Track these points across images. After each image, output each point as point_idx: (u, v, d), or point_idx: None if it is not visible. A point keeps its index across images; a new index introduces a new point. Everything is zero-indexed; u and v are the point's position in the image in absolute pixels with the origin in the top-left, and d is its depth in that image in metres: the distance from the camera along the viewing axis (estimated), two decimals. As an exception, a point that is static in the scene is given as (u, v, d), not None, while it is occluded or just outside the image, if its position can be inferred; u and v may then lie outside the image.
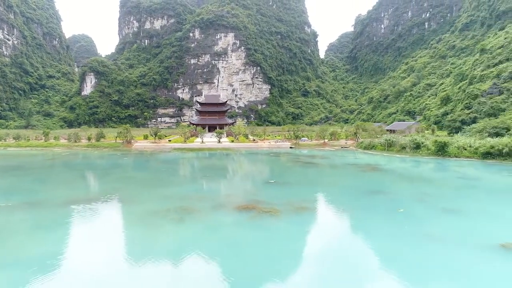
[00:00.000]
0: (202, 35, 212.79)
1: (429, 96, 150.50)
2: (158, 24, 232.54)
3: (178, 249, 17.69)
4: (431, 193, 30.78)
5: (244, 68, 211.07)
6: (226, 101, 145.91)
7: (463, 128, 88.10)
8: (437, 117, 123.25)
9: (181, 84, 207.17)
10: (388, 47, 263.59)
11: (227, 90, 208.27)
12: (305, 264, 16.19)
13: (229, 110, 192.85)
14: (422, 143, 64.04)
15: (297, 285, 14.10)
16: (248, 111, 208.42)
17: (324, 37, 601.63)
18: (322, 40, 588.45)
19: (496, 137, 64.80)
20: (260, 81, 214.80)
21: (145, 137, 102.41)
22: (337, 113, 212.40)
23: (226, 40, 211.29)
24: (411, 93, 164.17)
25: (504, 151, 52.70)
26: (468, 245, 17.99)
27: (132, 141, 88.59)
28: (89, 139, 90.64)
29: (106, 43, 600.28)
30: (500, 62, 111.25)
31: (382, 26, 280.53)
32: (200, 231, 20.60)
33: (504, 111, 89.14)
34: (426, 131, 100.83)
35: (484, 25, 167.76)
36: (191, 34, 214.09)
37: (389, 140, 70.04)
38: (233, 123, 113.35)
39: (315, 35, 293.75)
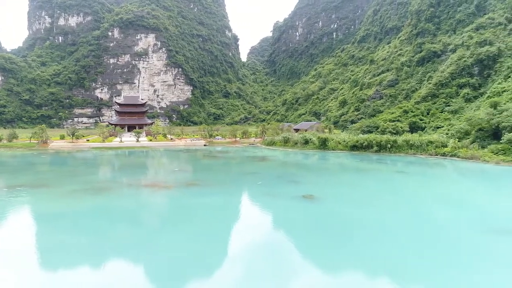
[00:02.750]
0: (122, 35, 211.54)
1: (332, 99, 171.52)
2: (73, 21, 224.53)
3: (94, 209, 26.06)
4: (290, 173, 42.85)
5: (165, 69, 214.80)
6: (146, 101, 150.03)
7: (351, 127, 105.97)
8: (336, 117, 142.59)
9: (99, 83, 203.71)
10: (302, 53, 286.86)
11: (148, 90, 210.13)
12: (185, 214, 25.86)
13: (150, 111, 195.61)
14: (310, 139, 78.23)
15: (178, 223, 23.67)
16: (170, 111, 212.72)
17: (247, 39, 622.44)
18: (245, 42, 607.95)
19: (369, 133, 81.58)
20: (182, 82, 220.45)
21: (62, 137, 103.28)
22: (255, 114, 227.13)
23: (146, 40, 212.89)
24: (317, 96, 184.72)
25: (364, 144, 68.51)
26: (290, 197, 29.29)
27: (48, 141, 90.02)
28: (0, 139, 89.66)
29: (11, 36, 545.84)
30: (383, 72, 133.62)
31: (297, 33, 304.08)
32: (111, 199, 29.09)
33: (381, 113, 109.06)
34: (325, 130, 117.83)
35: (376, 39, 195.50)
36: (109, 33, 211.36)
37: (286, 137, 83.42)
38: (152, 123, 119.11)
39: (236, 38, 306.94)
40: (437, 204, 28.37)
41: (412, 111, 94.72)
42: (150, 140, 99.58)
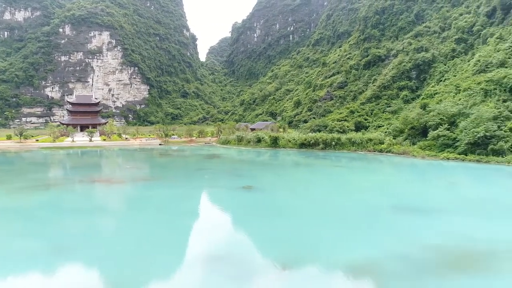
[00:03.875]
0: (74, 32, 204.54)
1: (287, 100, 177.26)
2: (20, 15, 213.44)
3: (43, 203, 27.51)
4: (237, 168, 45.99)
5: (121, 68, 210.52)
6: (99, 101, 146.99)
7: (302, 126, 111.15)
8: (291, 117, 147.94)
9: (50, 82, 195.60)
10: (260, 54, 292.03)
11: (103, 89, 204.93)
12: (135, 205, 28.01)
13: (105, 110, 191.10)
14: (262, 138, 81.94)
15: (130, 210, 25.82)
16: (126, 111, 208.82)
17: (206, 39, 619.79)
18: (204, 42, 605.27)
19: (318, 132, 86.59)
20: (138, 81, 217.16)
21: (9, 138, 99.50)
22: (214, 114, 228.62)
23: (100, 38, 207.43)
24: (274, 97, 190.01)
25: (311, 142, 73.26)
26: (232, 188, 32.25)
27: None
28: None
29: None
30: (333, 74, 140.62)
31: (255, 35, 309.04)
32: (61, 194, 30.50)
33: (331, 113, 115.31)
34: (279, 129, 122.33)
35: (329, 42, 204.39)
36: (61, 30, 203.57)
37: (239, 136, 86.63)
38: (106, 122, 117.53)
39: (194, 38, 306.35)
40: (362, 191, 32.65)
41: (357, 111, 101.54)
42: (104, 139, 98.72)
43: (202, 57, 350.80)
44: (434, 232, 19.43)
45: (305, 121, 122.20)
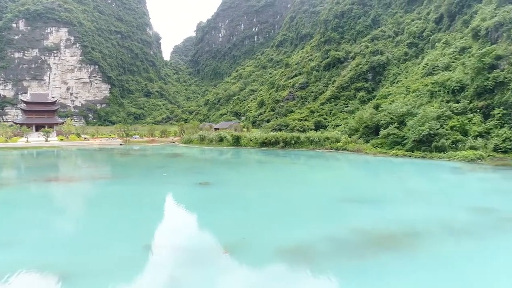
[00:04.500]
0: (29, 27, 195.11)
1: (251, 100, 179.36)
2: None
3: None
4: (197, 166, 46.87)
5: (80, 66, 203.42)
6: (56, 100, 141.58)
7: (264, 125, 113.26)
8: (255, 117, 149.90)
9: (2, 79, 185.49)
10: (225, 54, 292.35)
11: (60, 88, 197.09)
12: (89, 202, 28.22)
13: (63, 110, 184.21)
14: (224, 137, 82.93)
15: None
16: (86, 110, 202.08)
17: (170, 38, 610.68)
18: (168, 41, 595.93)
19: (279, 131, 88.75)
20: (99, 80, 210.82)
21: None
22: (178, 114, 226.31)
23: (58, 35, 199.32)
24: (238, 97, 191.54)
25: (272, 141, 75.19)
26: (189, 184, 33.10)
27: None
28: None
29: None
30: (296, 75, 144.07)
31: (220, 35, 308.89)
32: (13, 192, 30.05)
33: (293, 113, 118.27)
34: (243, 129, 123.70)
35: (292, 44, 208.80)
36: (14, 25, 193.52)
37: (202, 135, 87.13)
38: (64, 122, 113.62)
39: (157, 37, 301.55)
40: (314, 185, 34.61)
41: (317, 111, 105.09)
42: (61, 140, 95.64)
43: (166, 56, 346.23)
44: (369, 218, 21.46)
45: (268, 121, 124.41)
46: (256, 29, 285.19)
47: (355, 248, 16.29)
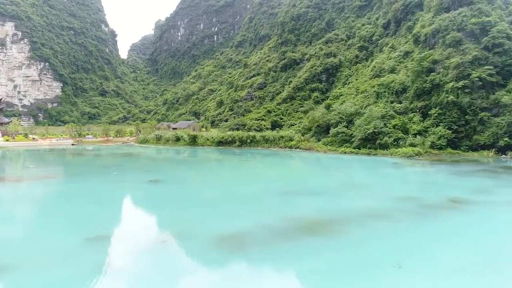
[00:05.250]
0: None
1: (210, 100, 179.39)
2: None
3: None
4: (150, 165, 47.01)
5: (28, 62, 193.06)
6: (2, 98, 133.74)
7: (221, 125, 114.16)
8: (214, 117, 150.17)
9: None
10: (184, 53, 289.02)
11: (7, 86, 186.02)
12: (36, 201, 27.83)
13: (10, 109, 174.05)
14: (181, 137, 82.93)
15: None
16: (35, 110, 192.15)
17: (128, 36, 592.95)
18: (126, 38, 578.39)
19: (237, 130, 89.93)
20: (50, 78, 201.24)
21: None
22: (135, 113, 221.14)
23: (3, 29, 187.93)
24: (197, 97, 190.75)
25: (228, 140, 76.36)
26: (138, 182, 33.40)
27: None
28: None
29: None
30: (254, 75, 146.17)
31: (179, 33, 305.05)
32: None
33: (250, 112, 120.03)
34: (202, 129, 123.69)
35: (251, 44, 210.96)
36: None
37: (158, 135, 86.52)
38: (10, 122, 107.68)
39: (113, 34, 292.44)
40: (263, 180, 36.17)
41: (274, 111, 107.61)
42: (7, 140, 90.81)
43: (123, 54, 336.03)
44: (304, 208, 23.27)
45: (226, 121, 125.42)
46: (216, 29, 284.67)
47: (286, 233, 17.85)
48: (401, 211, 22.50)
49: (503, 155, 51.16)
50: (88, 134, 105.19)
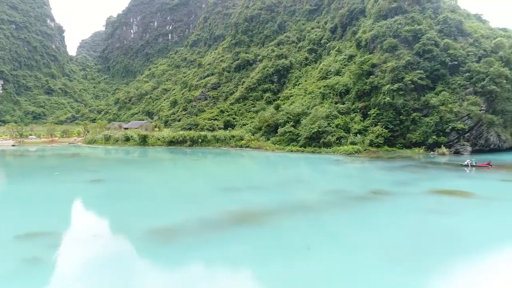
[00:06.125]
0: None
1: (164, 100, 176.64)
2: None
3: None
4: (94, 165, 46.45)
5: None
6: None
7: (174, 125, 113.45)
8: (168, 117, 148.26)
9: None
10: (138, 51, 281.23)
11: None
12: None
13: None
14: (131, 136, 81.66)
15: None
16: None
17: (77, 31, 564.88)
18: (75, 34, 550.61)
19: (189, 130, 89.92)
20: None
21: None
22: (85, 113, 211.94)
23: None
24: (151, 96, 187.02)
25: (179, 139, 76.46)
26: (81, 181, 33.18)
27: None
28: None
29: None
30: (208, 75, 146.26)
31: (132, 31, 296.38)
32: None
33: (204, 112, 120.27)
34: (155, 128, 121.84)
35: (206, 44, 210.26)
36: None
37: (106, 135, 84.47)
38: None
39: (60, 30, 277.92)
40: (207, 178, 37.30)
41: (227, 111, 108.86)
42: None
43: (72, 51, 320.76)
44: (240, 202, 24.79)
45: (180, 120, 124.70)
46: (170, 27, 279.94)
47: (218, 224, 19.25)
48: (327, 203, 24.75)
49: (431, 152, 56.26)
50: (31, 135, 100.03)
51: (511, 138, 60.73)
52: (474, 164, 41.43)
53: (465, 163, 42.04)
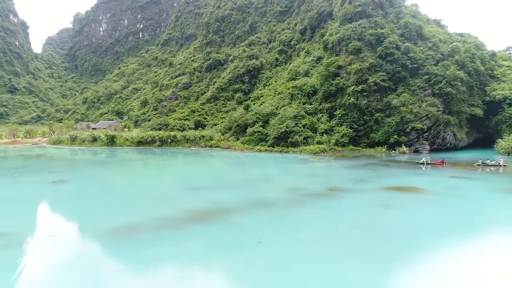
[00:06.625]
0: None
1: (134, 99, 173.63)
2: None
3: None
4: (57, 166, 45.43)
5: None
6: None
7: (143, 125, 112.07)
8: (138, 117, 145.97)
9: None
10: (107, 50, 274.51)
11: None
12: None
13: None
14: (98, 137, 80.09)
15: None
16: None
17: (42, 27, 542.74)
18: (40, 30, 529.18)
19: (159, 130, 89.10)
20: None
21: None
22: (51, 113, 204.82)
23: None
24: (120, 96, 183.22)
25: (148, 140, 75.75)
26: (41, 182, 32.59)
27: None
28: None
29: None
30: (179, 75, 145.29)
31: (101, 28, 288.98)
32: None
33: (175, 112, 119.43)
34: (124, 129, 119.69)
35: (177, 43, 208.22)
36: None
37: (73, 135, 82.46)
38: None
39: (24, 26, 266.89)
40: (170, 177, 37.52)
41: (198, 111, 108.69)
42: None
43: (37, 48, 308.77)
44: (200, 201, 25.30)
45: (150, 120, 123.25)
46: (141, 26, 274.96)
47: (175, 222, 19.73)
48: (286, 200, 25.73)
49: (393, 151, 58.79)
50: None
51: (466, 137, 64.40)
52: (429, 162, 43.85)
53: (421, 161, 44.42)
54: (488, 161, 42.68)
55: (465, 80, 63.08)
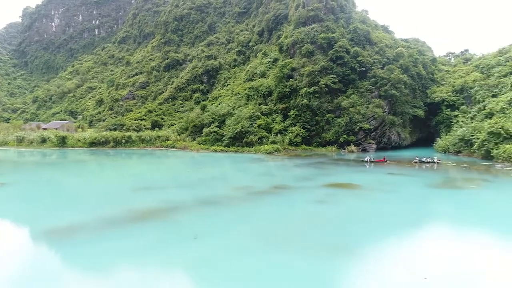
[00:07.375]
0: None
1: (89, 98, 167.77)
2: None
3: None
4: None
5: None
6: None
7: (97, 125, 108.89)
8: (93, 117, 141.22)
9: None
10: (60, 46, 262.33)
11: None
12: None
13: None
14: (48, 138, 77.10)
15: None
16: None
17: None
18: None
19: (114, 131, 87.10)
20: None
21: None
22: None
23: None
24: (74, 95, 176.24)
25: (102, 140, 74.08)
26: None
27: None
28: None
29: None
30: (136, 74, 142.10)
31: (53, 24, 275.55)
32: None
33: (131, 112, 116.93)
34: (78, 129, 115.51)
35: (135, 41, 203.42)
36: None
37: (19, 136, 78.73)
38: None
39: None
40: (122, 178, 37.34)
41: (155, 111, 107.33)
42: None
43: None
44: (147, 200, 25.74)
45: (104, 120, 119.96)
46: (97, 22, 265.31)
47: (118, 222, 20.10)
48: (232, 198, 26.81)
49: (342, 150, 61.83)
50: None
51: (410, 136, 69.00)
52: (373, 160, 46.82)
53: (365, 159, 47.31)
54: (424, 158, 46.31)
55: (408, 83, 67.59)
